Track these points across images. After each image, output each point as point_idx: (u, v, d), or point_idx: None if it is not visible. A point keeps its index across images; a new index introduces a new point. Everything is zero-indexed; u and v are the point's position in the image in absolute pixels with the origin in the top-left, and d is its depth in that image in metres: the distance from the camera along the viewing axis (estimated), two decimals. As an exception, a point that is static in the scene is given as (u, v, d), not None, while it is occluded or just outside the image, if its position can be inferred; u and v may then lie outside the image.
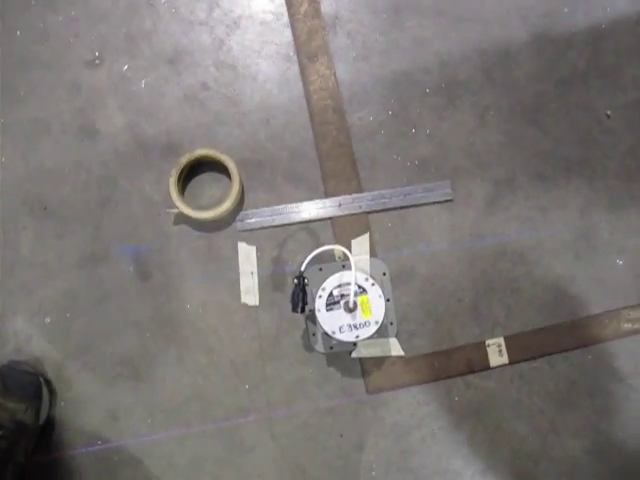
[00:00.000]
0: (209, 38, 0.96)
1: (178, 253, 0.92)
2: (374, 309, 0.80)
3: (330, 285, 0.81)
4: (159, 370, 0.90)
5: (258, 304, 0.90)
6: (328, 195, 0.92)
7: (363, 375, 0.89)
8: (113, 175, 0.93)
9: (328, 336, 0.82)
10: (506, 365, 0.89)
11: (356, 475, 0.88)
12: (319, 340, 0.88)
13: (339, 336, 0.80)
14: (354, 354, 0.88)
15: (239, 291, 0.90)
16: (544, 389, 0.89)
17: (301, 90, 0.95)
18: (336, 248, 0.82)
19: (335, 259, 0.90)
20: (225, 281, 0.91)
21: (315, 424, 0.89)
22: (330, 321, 0.80)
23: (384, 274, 0.89)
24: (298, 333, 0.90)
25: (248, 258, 0.91)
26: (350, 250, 0.87)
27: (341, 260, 0.89)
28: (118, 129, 0.94)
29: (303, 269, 0.80)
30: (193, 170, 0.93)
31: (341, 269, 0.87)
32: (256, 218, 0.92)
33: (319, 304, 0.81)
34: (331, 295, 0.81)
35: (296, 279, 0.80)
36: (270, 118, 0.95)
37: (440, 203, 0.92)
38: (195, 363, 0.89)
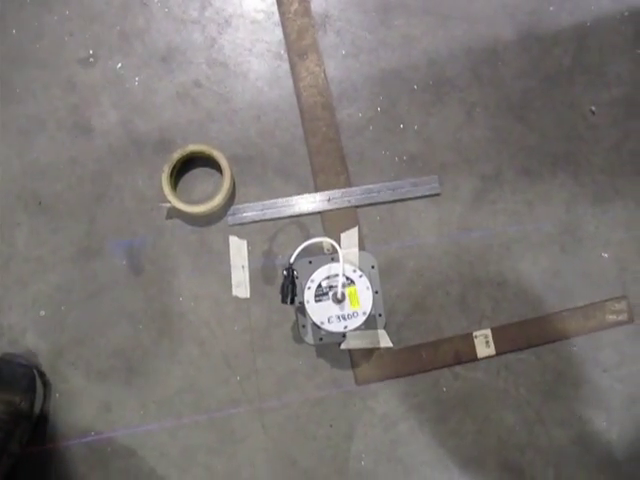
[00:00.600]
0: (201, 36, 0.98)
1: (170, 247, 0.93)
2: (362, 300, 0.82)
3: (319, 277, 0.83)
4: (152, 362, 0.91)
5: (249, 297, 0.92)
6: (318, 190, 0.94)
7: (352, 366, 0.91)
8: (107, 171, 0.95)
9: (317, 327, 0.84)
10: (493, 356, 0.91)
11: (346, 465, 0.89)
12: (309, 332, 0.89)
13: (328, 327, 0.82)
14: (343, 346, 0.89)
15: (230, 284, 0.92)
16: (530, 380, 0.91)
17: (291, 87, 0.97)
18: (325, 240, 0.83)
19: (324, 252, 0.91)
20: (217, 274, 0.92)
21: (305, 415, 0.90)
22: (319, 312, 0.82)
23: (373, 267, 0.90)
24: (288, 325, 0.91)
25: (239, 252, 0.92)
26: (339, 243, 0.88)
27: (330, 252, 0.91)
28: (112, 126, 0.96)
29: (292, 261, 0.81)
30: (185, 166, 0.94)
31: (330, 262, 0.88)
32: (247, 212, 0.93)
33: (308, 295, 0.82)
34: (320, 287, 0.82)
35: (285, 271, 0.81)
36: (261, 115, 0.96)
37: (428, 197, 0.94)
38: (187, 355, 0.91)
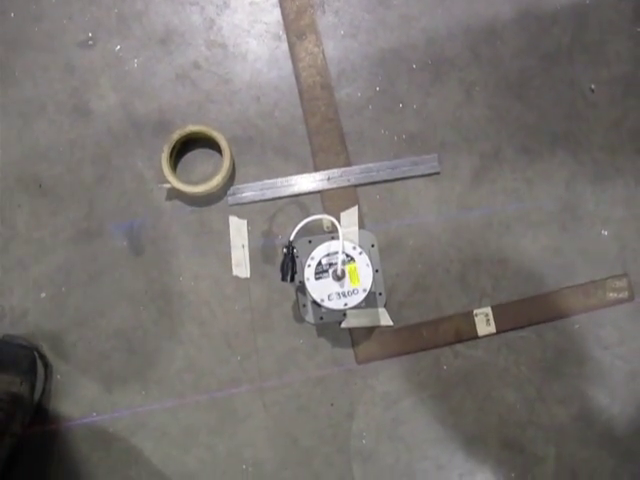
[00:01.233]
0: (200, 18, 0.98)
1: (170, 228, 0.93)
2: (362, 277, 0.82)
3: (319, 254, 0.83)
4: (152, 343, 0.91)
5: (249, 276, 0.92)
6: (317, 169, 0.94)
7: (353, 345, 0.91)
8: (106, 153, 0.95)
9: (317, 305, 0.84)
10: (494, 334, 0.91)
11: (347, 443, 0.89)
12: (309, 311, 0.89)
13: (328, 304, 0.82)
14: (344, 324, 0.89)
15: (230, 264, 0.92)
16: (531, 357, 0.91)
17: (290, 68, 0.97)
18: (325, 218, 0.84)
19: (324, 230, 0.91)
20: (217, 254, 0.92)
21: (306, 394, 0.90)
22: (319, 289, 0.82)
23: (373, 246, 0.90)
24: (289, 304, 0.91)
25: (239, 232, 0.93)
26: (339, 222, 0.88)
27: (329, 230, 0.91)
28: (111, 108, 0.96)
29: (292, 238, 0.81)
30: (185, 147, 0.94)
31: (330, 240, 0.88)
32: (247, 192, 0.93)
33: (308, 273, 0.82)
34: (320, 264, 0.83)
35: (285, 248, 0.82)
36: (260, 95, 0.96)
37: (427, 176, 0.94)
38: (188, 335, 0.91)
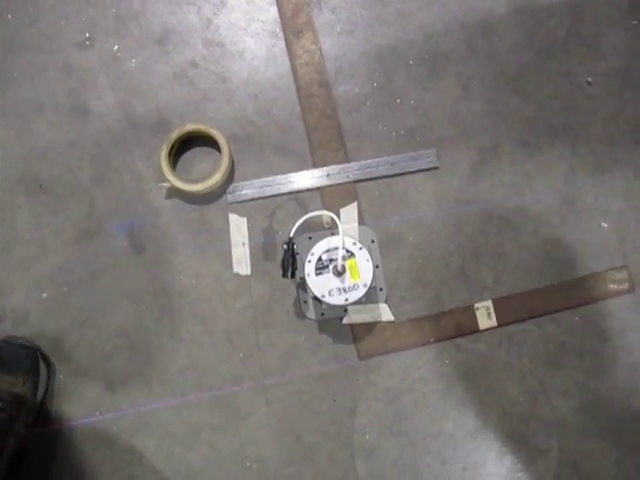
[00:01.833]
0: (197, 17, 0.98)
1: (170, 226, 0.93)
2: (362, 272, 0.82)
3: (319, 250, 0.83)
4: (154, 341, 0.91)
5: (250, 274, 0.92)
6: (316, 166, 0.94)
7: (354, 341, 0.91)
8: (106, 153, 0.95)
9: (318, 301, 0.84)
10: (495, 328, 0.91)
11: (350, 439, 0.89)
12: (310, 307, 0.89)
13: (329, 300, 0.82)
14: (345, 320, 0.89)
15: (231, 262, 0.92)
16: (533, 350, 0.91)
17: (288, 65, 0.97)
18: (324, 214, 0.84)
19: (324, 226, 0.91)
20: (217, 252, 0.92)
21: (308, 390, 0.90)
22: (319, 285, 0.82)
23: (372, 241, 0.91)
24: (290, 301, 0.92)
25: (239, 229, 0.93)
26: (339, 219, 0.89)
27: (329, 226, 0.91)
28: (109, 108, 0.96)
29: (292, 234, 0.82)
30: (184, 145, 0.95)
31: (330, 236, 0.89)
32: (246, 190, 0.93)
33: (308, 269, 0.82)
34: (320, 260, 0.83)
35: (286, 244, 0.82)
36: (258, 93, 0.96)
37: (426, 171, 0.94)
38: (189, 333, 0.91)
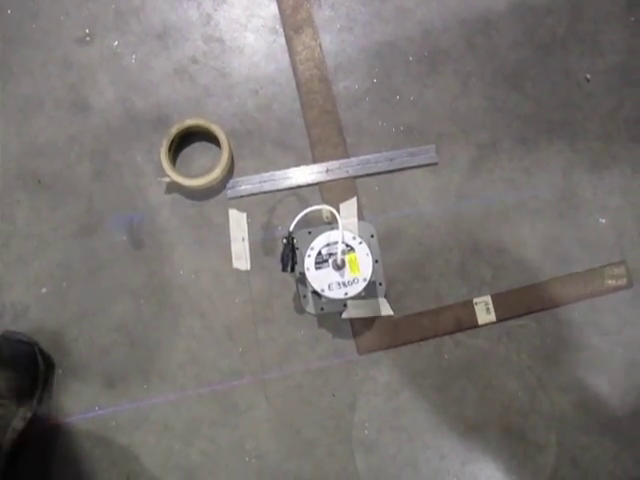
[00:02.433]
0: (197, 13, 0.99)
1: (170, 221, 0.94)
2: (362, 266, 0.82)
3: (319, 244, 0.83)
4: (154, 336, 0.91)
5: (249, 269, 0.92)
6: (316, 161, 0.94)
7: (354, 336, 0.91)
8: (105, 148, 0.96)
9: (318, 295, 0.84)
10: (494, 323, 0.91)
11: (349, 434, 0.90)
12: (310, 302, 0.89)
13: (328, 294, 0.82)
14: (344, 315, 0.90)
15: (230, 257, 0.92)
16: (531, 346, 0.91)
17: (288, 61, 0.97)
18: (324, 208, 0.84)
19: (323, 220, 0.92)
20: (217, 247, 0.93)
21: (308, 385, 0.90)
22: (319, 279, 0.82)
23: (372, 236, 0.91)
24: (289, 296, 0.92)
25: (239, 224, 0.93)
26: (339, 213, 0.89)
27: (328, 221, 0.91)
28: (109, 103, 0.97)
29: (292, 229, 0.82)
30: (184, 141, 0.95)
31: (329, 231, 0.89)
32: (246, 185, 0.94)
33: (308, 263, 0.82)
34: (320, 254, 0.83)
35: (285, 239, 0.82)
36: (258, 89, 0.97)
37: (425, 167, 0.94)
38: (189, 328, 0.91)
